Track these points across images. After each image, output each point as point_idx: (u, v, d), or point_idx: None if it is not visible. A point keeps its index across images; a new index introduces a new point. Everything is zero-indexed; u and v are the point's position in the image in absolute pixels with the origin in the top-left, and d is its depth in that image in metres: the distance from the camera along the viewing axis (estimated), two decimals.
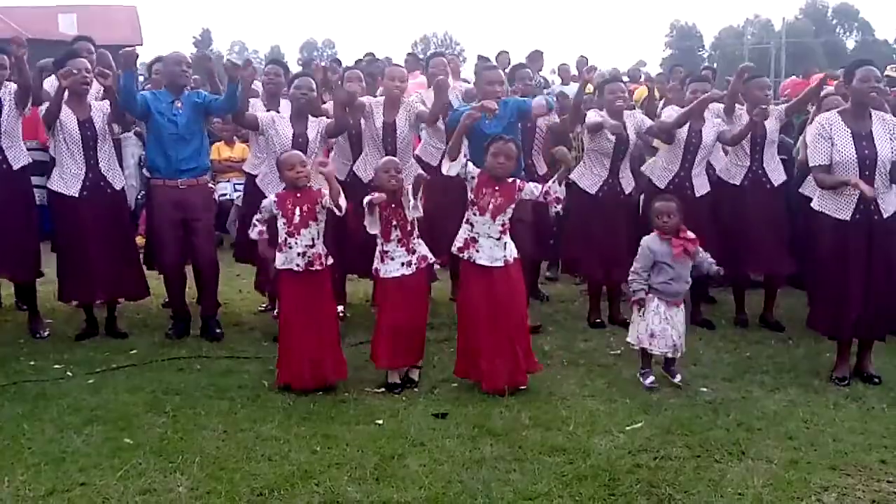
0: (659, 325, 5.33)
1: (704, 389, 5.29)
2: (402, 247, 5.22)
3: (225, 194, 9.79)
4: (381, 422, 4.72)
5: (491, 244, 5.21)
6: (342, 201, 5.23)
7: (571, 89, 11.72)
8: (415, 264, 5.24)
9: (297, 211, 5.25)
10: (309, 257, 5.24)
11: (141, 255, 6.79)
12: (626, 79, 12.75)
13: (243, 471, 4.08)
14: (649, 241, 5.43)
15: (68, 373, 5.59)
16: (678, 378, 5.37)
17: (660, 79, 11.86)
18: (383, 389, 5.20)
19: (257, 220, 5.43)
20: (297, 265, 5.25)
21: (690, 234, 5.41)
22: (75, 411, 4.86)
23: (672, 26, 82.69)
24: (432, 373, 5.52)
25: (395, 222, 5.20)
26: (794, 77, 15.08)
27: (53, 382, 5.38)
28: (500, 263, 5.21)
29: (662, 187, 6.73)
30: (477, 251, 5.22)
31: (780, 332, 6.63)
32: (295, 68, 10.67)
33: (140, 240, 7.41)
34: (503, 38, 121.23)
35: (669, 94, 9.04)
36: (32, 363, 5.79)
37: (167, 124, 6.26)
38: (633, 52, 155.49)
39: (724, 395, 5.21)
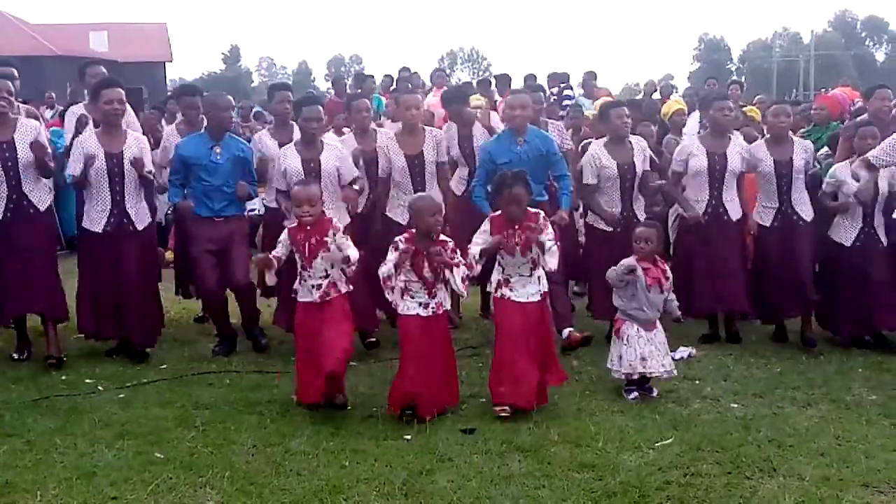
0: (647, 348, 5.37)
1: (735, 405, 5.25)
2: (424, 288, 5.07)
3: (254, 209, 9.81)
4: (409, 437, 4.72)
5: (524, 282, 5.20)
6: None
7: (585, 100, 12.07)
8: (432, 308, 5.08)
9: (307, 244, 5.16)
10: (324, 289, 5.17)
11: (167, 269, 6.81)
12: (657, 96, 12.92)
13: (272, 485, 4.10)
14: (632, 261, 5.46)
15: (99, 387, 5.64)
16: (655, 392, 5.43)
17: (688, 93, 11.94)
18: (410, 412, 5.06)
19: (274, 256, 5.24)
20: (313, 297, 5.18)
21: (666, 268, 5.53)
22: (106, 426, 4.91)
23: (700, 39, 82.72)
24: (460, 389, 5.50)
25: (425, 263, 5.03)
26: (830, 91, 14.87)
27: (85, 397, 5.44)
28: (535, 298, 5.21)
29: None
30: (510, 290, 5.21)
31: (811, 348, 6.54)
32: (322, 84, 10.71)
33: (168, 255, 7.45)
34: (530, 52, 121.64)
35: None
36: (64, 378, 5.85)
37: (204, 175, 6.23)
38: (662, 65, 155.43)
39: (754, 411, 5.16)
